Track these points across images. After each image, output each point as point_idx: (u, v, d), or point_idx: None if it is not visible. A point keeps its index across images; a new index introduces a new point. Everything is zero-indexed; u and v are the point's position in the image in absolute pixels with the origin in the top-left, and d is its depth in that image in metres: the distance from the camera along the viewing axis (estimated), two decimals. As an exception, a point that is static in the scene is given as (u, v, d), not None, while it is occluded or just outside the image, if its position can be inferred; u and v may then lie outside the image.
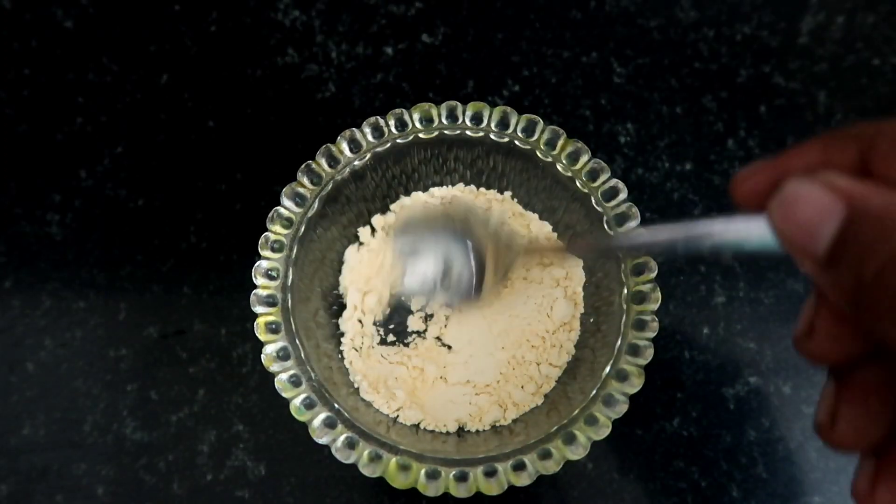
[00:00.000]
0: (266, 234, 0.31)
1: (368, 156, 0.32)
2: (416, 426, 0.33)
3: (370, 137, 0.32)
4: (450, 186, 0.36)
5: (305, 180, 0.32)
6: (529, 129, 0.32)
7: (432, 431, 0.32)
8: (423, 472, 0.27)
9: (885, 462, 0.18)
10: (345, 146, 0.32)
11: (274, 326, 0.29)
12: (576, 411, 0.29)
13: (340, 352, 0.34)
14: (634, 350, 0.29)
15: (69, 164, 0.40)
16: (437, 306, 0.35)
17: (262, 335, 0.29)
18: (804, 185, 0.17)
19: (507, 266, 0.31)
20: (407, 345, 0.35)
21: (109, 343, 0.36)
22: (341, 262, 0.35)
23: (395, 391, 0.33)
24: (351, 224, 0.35)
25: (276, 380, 0.28)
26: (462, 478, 0.27)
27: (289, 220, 0.31)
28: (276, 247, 0.30)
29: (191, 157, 0.40)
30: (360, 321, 0.35)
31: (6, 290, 0.37)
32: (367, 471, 0.27)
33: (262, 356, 0.29)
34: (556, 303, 0.34)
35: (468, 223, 0.31)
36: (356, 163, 0.32)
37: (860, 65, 0.42)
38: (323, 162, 0.32)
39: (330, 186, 0.32)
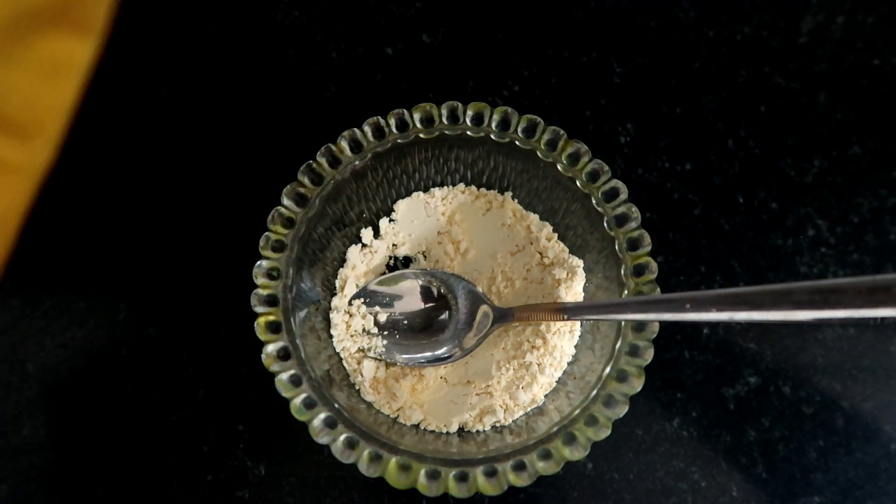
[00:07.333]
0: (267, 233, 0.31)
1: (369, 156, 0.32)
2: (417, 426, 0.33)
3: (371, 137, 0.32)
4: (450, 186, 0.36)
5: (306, 180, 0.31)
6: (530, 130, 0.32)
7: (433, 431, 0.32)
8: (423, 472, 0.27)
9: None
10: (345, 146, 0.32)
11: (274, 326, 0.29)
12: (576, 411, 0.29)
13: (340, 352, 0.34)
14: (634, 350, 0.29)
15: (69, 163, 0.40)
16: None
17: (262, 335, 0.29)
18: None
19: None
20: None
21: (109, 343, 0.36)
22: (343, 262, 0.35)
23: (396, 391, 0.33)
24: (352, 224, 0.35)
25: (276, 379, 0.28)
26: (462, 478, 0.27)
27: (289, 219, 0.31)
28: (277, 246, 0.30)
29: (191, 156, 0.40)
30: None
31: (6, 290, 0.37)
32: (367, 471, 0.27)
33: (263, 356, 0.29)
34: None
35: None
36: (357, 162, 0.32)
37: (860, 65, 0.42)
38: (323, 162, 0.32)
39: (331, 186, 0.32)
